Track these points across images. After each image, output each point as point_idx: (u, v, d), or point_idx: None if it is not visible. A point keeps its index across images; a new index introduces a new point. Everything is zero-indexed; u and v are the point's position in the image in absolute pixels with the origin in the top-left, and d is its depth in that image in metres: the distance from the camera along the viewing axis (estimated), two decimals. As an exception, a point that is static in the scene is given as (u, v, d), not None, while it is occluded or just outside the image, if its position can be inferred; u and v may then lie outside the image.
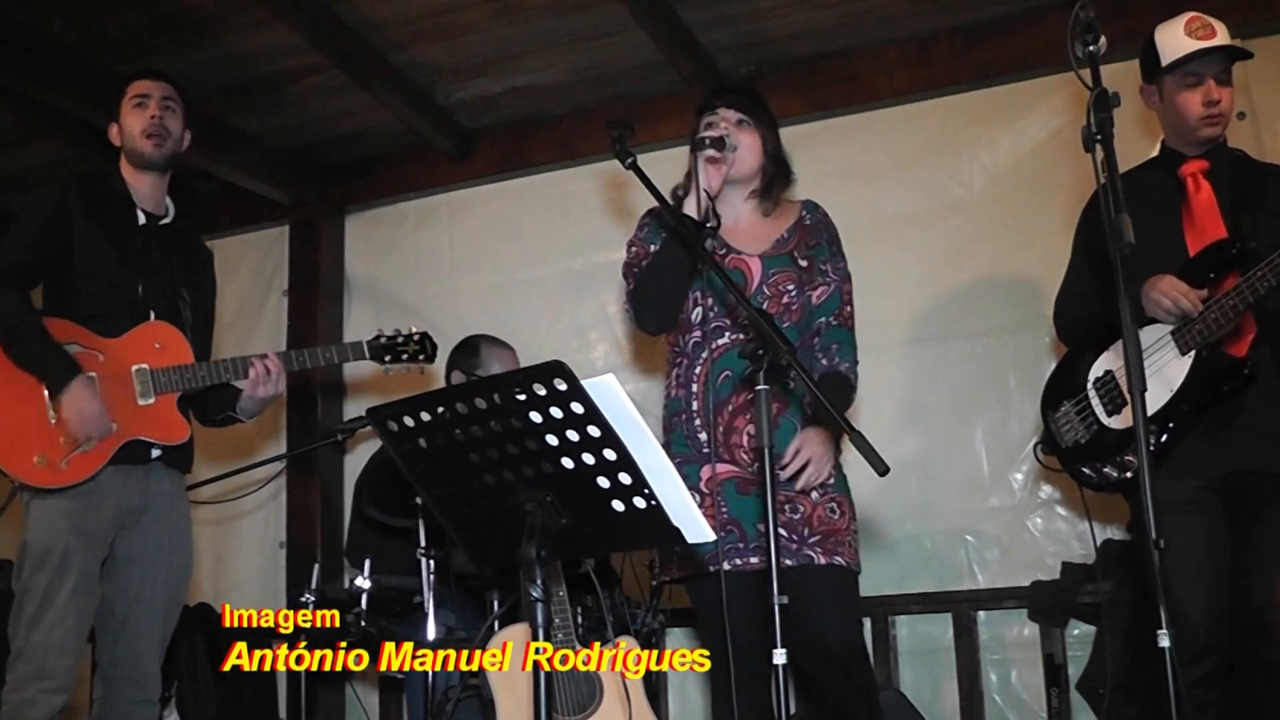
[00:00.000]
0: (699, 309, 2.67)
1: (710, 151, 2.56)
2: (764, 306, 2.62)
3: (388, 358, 3.22)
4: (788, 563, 2.51)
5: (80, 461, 2.78)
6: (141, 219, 3.03)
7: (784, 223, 2.75)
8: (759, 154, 2.71)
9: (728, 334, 2.64)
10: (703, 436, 2.61)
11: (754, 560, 2.54)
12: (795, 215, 2.76)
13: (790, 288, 2.67)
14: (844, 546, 2.57)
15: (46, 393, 2.78)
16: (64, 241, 2.89)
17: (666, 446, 2.67)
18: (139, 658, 2.89)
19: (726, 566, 2.53)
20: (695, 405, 2.64)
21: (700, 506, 2.50)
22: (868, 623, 3.82)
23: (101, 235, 2.93)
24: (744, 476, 2.59)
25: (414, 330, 3.27)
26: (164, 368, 2.92)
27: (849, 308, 2.75)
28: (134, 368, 2.90)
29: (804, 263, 2.70)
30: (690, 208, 2.57)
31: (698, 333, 2.66)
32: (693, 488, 2.57)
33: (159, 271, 3.02)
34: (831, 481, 2.60)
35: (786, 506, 2.55)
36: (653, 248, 2.70)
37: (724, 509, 2.58)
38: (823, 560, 2.53)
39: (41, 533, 2.76)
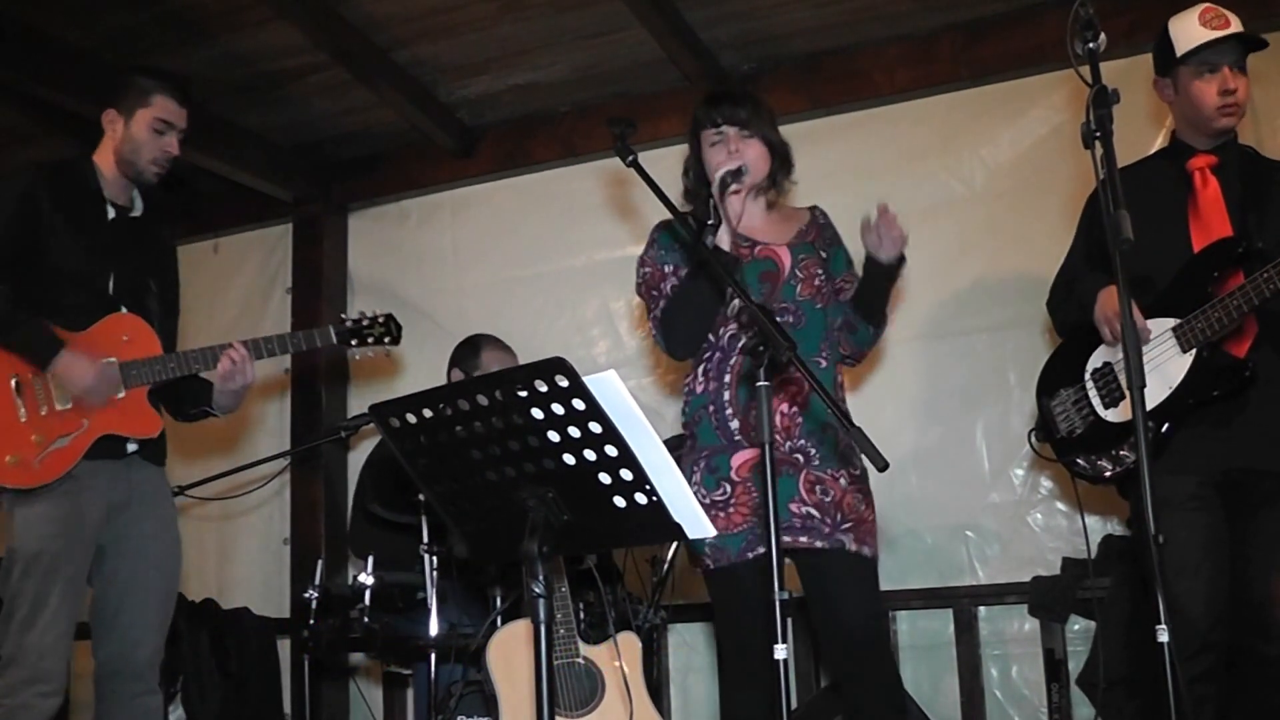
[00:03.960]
0: (735, 302, 2.67)
1: (735, 186, 2.60)
2: (799, 290, 2.67)
3: (354, 341, 3.15)
4: (819, 544, 2.54)
5: (54, 459, 2.73)
6: (111, 213, 2.98)
7: (798, 221, 2.81)
8: (767, 159, 2.74)
9: None
10: (734, 425, 2.61)
11: (785, 539, 2.52)
12: (808, 216, 2.84)
13: (819, 271, 2.72)
14: (870, 537, 2.61)
15: (14, 387, 2.74)
16: (32, 236, 2.82)
17: (691, 440, 2.69)
18: (135, 649, 2.86)
19: (762, 550, 2.51)
20: (727, 395, 2.64)
21: (732, 495, 2.57)
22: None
23: (70, 229, 2.86)
24: (774, 457, 2.59)
25: (378, 313, 3.20)
26: (133, 360, 2.86)
27: None
28: (103, 361, 2.82)
29: (824, 254, 2.77)
30: (724, 241, 2.60)
31: (733, 325, 2.66)
32: (724, 478, 2.59)
33: (128, 264, 2.96)
34: (857, 473, 2.64)
35: (817, 488, 2.57)
36: (667, 267, 2.72)
37: (754, 494, 2.57)
38: (853, 547, 2.56)
39: (29, 538, 2.72)
